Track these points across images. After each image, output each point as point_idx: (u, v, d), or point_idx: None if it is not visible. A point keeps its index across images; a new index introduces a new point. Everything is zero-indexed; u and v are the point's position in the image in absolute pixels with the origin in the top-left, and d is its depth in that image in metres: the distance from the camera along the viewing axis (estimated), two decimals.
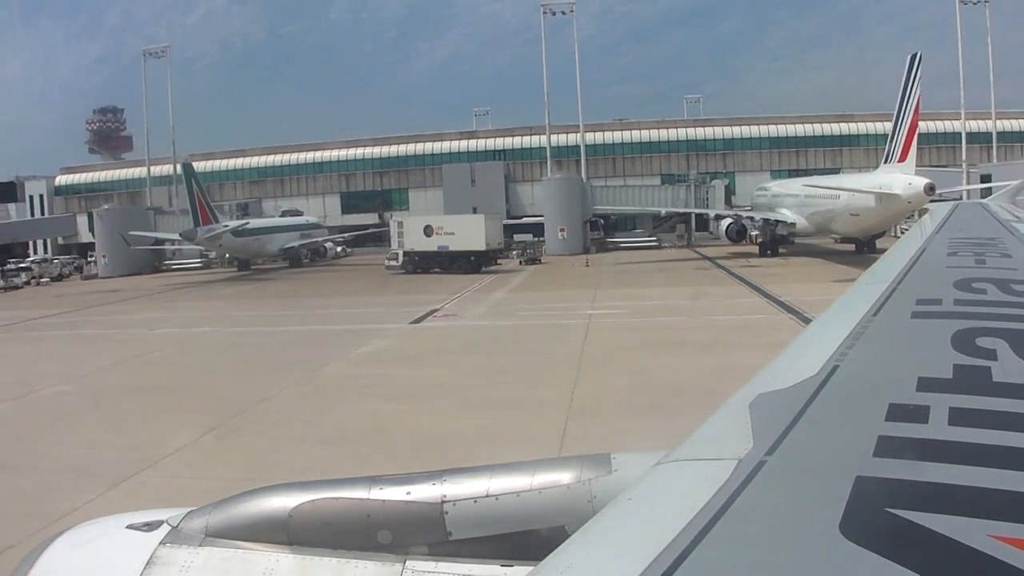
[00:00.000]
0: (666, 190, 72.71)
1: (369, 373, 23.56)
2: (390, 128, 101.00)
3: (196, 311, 43.39)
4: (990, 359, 3.17)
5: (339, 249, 76.25)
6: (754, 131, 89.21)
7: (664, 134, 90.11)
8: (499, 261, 58.94)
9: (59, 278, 74.39)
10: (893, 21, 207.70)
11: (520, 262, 59.47)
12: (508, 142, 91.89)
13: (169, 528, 3.91)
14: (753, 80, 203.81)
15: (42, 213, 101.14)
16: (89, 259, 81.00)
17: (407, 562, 3.63)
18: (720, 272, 49.27)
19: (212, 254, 74.41)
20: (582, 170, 73.47)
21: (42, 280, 71.70)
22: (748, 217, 58.77)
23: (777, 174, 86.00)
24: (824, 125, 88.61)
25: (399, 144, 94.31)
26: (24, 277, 71.46)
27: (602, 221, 73.60)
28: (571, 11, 72.57)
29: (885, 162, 47.77)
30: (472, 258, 55.96)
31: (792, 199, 58.68)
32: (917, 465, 2.24)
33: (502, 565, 3.56)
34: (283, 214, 75.99)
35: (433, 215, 63.74)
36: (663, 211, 67.82)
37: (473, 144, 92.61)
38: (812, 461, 2.41)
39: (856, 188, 47.67)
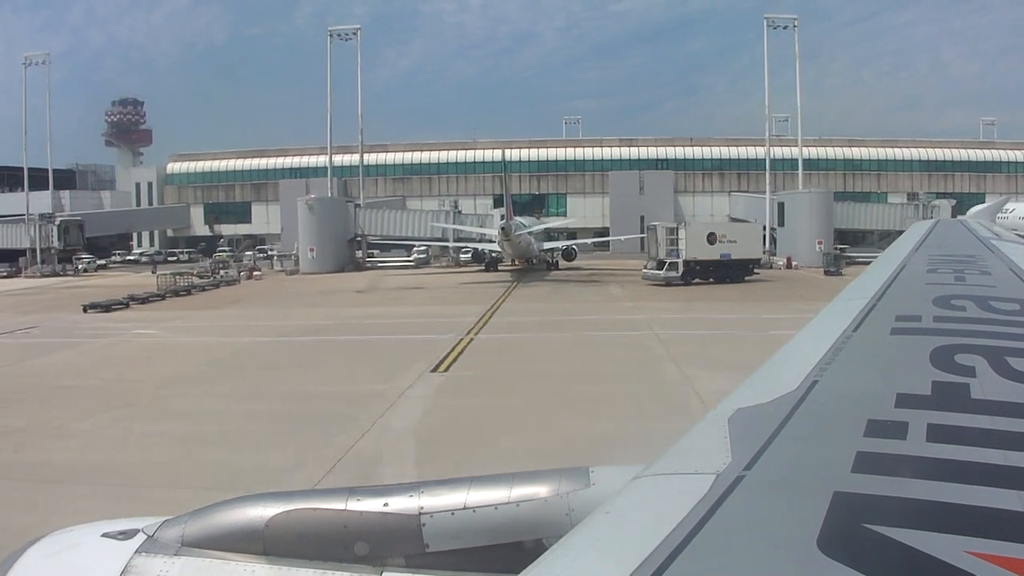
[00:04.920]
0: (894, 208, 74.30)
1: None
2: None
3: (698, 311, 39.11)
4: (969, 376, 3.16)
5: None
6: (904, 153, 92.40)
7: (820, 152, 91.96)
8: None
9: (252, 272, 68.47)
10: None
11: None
12: (669, 152, 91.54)
13: (145, 537, 3.84)
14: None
15: (149, 202, 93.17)
16: (269, 252, 75.40)
17: (384, 574, 3.61)
18: None
19: (426, 252, 70.85)
20: (799, 183, 73.94)
21: (254, 274, 65.84)
22: None
23: (927, 197, 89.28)
24: (968, 151, 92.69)
25: (557, 147, 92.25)
26: (234, 271, 65.59)
27: None
28: (794, 26, 73.01)
29: None
30: (751, 266, 56.01)
31: None
32: (895, 481, 2.24)
33: None
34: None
35: (712, 222, 62.68)
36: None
37: (634, 152, 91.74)
38: (790, 476, 2.41)
39: None
